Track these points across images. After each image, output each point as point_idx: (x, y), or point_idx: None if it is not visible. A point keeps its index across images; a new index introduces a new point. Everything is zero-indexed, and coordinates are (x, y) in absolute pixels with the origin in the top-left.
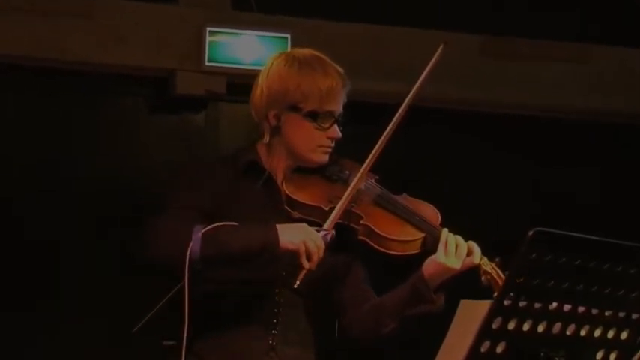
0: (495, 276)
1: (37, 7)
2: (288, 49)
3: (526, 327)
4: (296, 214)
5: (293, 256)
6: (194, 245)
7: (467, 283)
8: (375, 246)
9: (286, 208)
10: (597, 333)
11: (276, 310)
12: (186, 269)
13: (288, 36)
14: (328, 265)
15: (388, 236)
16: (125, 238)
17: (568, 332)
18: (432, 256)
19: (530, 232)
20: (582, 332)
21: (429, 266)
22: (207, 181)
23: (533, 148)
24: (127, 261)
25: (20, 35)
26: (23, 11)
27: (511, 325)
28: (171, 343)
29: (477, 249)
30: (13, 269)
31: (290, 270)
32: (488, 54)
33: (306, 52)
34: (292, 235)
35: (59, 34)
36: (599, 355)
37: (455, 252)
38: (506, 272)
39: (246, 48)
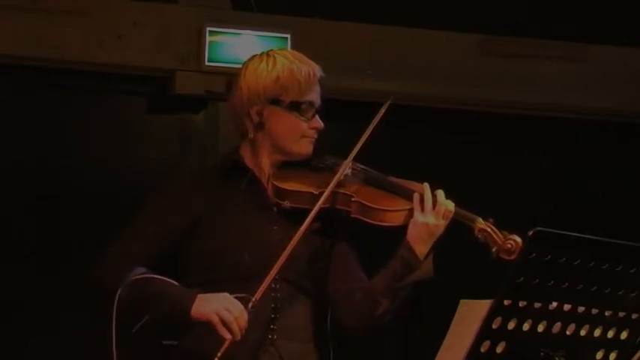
0: (491, 231)
1: (37, 5)
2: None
3: (526, 327)
4: (286, 204)
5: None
6: (123, 290)
7: (466, 282)
8: (370, 221)
9: (276, 200)
10: (597, 333)
11: (274, 305)
12: (114, 309)
13: (288, 36)
14: (323, 257)
15: (381, 208)
16: None
17: (568, 332)
18: (412, 219)
19: (530, 232)
20: (582, 332)
21: (411, 230)
22: (183, 196)
23: (533, 148)
24: None
25: (20, 34)
26: (23, 10)
27: (511, 325)
28: (170, 342)
29: (450, 203)
30: (10, 269)
31: (218, 339)
32: (488, 54)
33: (280, 49)
34: (205, 306)
35: (59, 33)
36: (599, 355)
37: (433, 209)
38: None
39: (246, 48)
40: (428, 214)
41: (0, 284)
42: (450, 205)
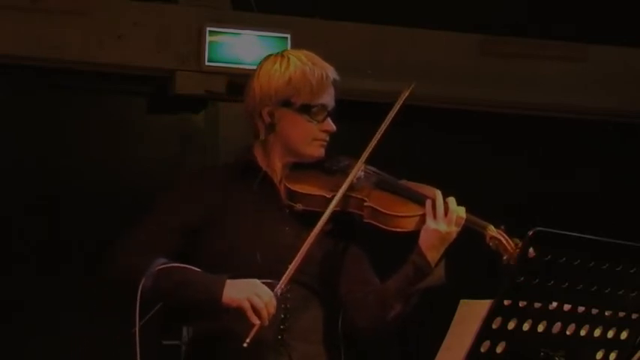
0: (502, 239)
1: (37, 5)
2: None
3: (526, 327)
4: (299, 206)
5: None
6: (147, 280)
7: (467, 282)
8: (382, 226)
9: (288, 202)
10: (597, 333)
11: (284, 305)
12: (137, 301)
13: (288, 36)
14: (335, 259)
15: (393, 214)
16: None
17: (568, 332)
18: (424, 226)
19: (530, 232)
20: (582, 332)
21: (423, 237)
22: (196, 193)
23: (533, 148)
24: None
25: (20, 34)
26: (23, 10)
27: (511, 325)
28: (171, 342)
29: (462, 209)
30: (10, 269)
31: (247, 325)
32: (488, 54)
33: (295, 50)
34: (236, 292)
35: (59, 33)
36: (599, 355)
37: (445, 216)
38: (515, 238)
39: (246, 48)
40: (440, 220)
41: (0, 284)
42: (462, 212)
